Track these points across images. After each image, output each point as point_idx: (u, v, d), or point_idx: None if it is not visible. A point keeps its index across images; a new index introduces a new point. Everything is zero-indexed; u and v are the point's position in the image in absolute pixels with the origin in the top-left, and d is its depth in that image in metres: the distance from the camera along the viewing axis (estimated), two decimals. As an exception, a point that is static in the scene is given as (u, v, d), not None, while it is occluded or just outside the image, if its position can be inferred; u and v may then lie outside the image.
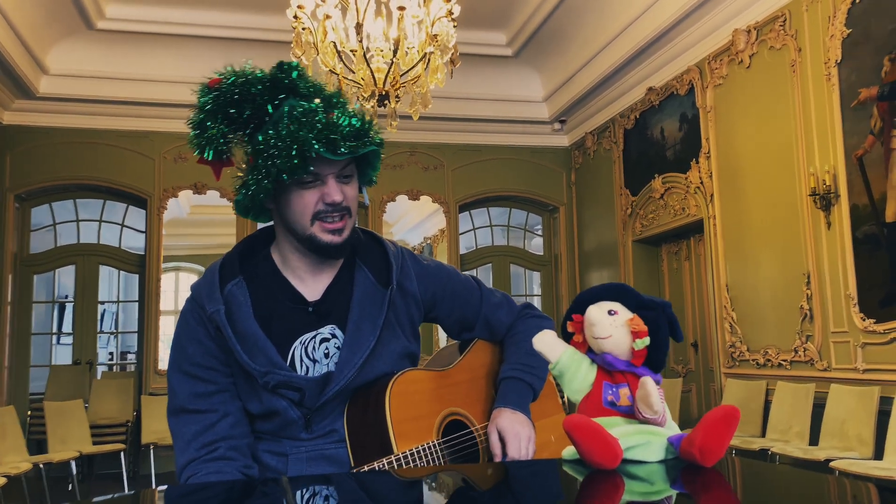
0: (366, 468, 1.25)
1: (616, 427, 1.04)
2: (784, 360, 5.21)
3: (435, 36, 3.56)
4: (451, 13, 3.55)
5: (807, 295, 5.01)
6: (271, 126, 1.27)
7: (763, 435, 5.09)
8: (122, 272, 8.06)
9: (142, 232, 7.63)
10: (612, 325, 1.10)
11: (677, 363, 6.93)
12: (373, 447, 1.31)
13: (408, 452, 1.30)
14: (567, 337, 1.17)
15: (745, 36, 5.60)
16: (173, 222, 10.27)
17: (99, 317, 8.10)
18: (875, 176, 4.50)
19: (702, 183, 6.16)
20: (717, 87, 5.97)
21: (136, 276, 7.90)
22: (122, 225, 7.85)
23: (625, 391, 1.10)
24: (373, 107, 3.71)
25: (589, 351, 1.14)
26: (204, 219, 10.14)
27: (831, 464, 4.11)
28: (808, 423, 4.79)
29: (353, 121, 1.29)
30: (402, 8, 3.45)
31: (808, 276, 5.00)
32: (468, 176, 8.29)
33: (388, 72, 3.63)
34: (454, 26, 3.61)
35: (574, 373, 1.13)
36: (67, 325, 8.38)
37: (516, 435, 1.38)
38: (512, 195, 8.56)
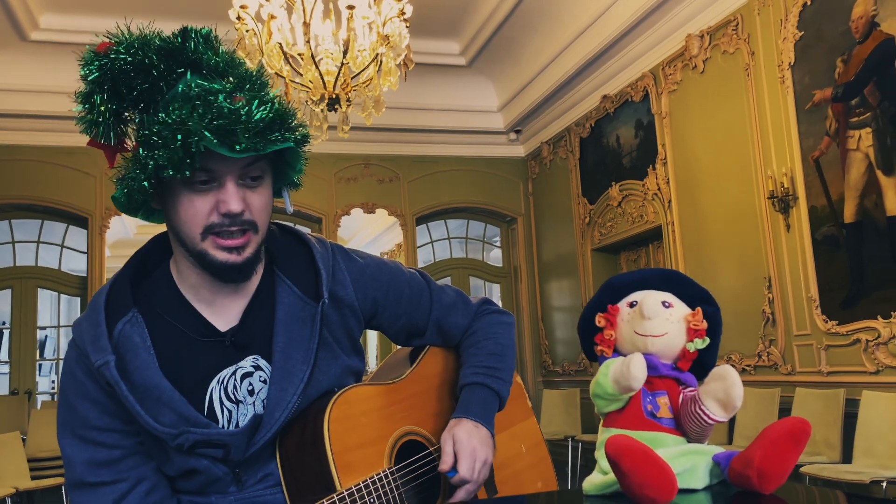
0: None
1: (663, 448, 0.84)
2: (748, 366, 5.16)
3: (387, 37, 3.41)
4: (402, 13, 3.40)
5: (768, 299, 4.97)
6: (161, 108, 1.01)
7: (730, 442, 5.02)
8: (62, 295, 7.67)
9: (83, 253, 7.28)
10: (669, 321, 0.90)
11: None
12: (312, 486, 1.09)
13: (354, 488, 1.08)
14: (592, 331, 0.97)
15: (699, 41, 5.59)
16: (119, 243, 9.89)
17: (38, 343, 7.68)
18: (832, 177, 4.49)
19: (659, 189, 6.12)
20: (671, 93, 5.95)
21: (79, 300, 7.53)
22: (62, 246, 7.48)
23: (664, 400, 0.89)
24: (323, 111, 3.53)
25: (615, 351, 0.94)
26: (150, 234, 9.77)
27: (801, 469, 4.04)
28: (775, 429, 4.73)
29: (263, 109, 1.02)
30: (351, 7, 3.29)
31: (769, 279, 4.97)
32: (425, 188, 8.15)
33: (339, 74, 3.47)
34: (406, 26, 3.46)
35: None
36: (4, 353, 7.93)
37: (472, 453, 1.17)
38: (469, 207, 8.44)
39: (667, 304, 0.92)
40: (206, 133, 0.98)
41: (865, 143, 4.27)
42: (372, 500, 1.09)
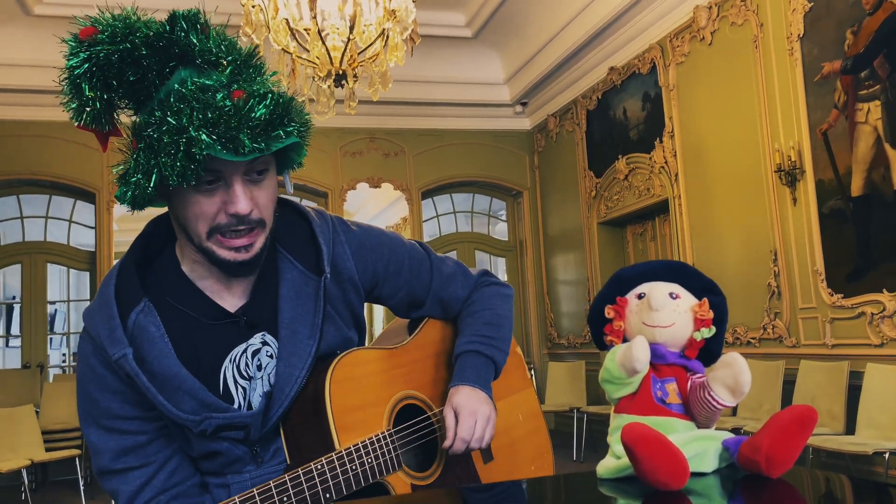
0: (300, 471, 1.04)
1: (674, 434, 0.87)
2: (753, 338, 5.19)
3: (393, 11, 3.40)
4: (409, -13, 3.39)
5: (774, 272, 4.99)
6: (157, 106, 0.98)
7: (734, 414, 5.07)
8: (72, 270, 7.73)
9: (91, 228, 7.31)
10: (676, 312, 0.93)
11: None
12: (313, 444, 1.11)
13: (352, 448, 1.09)
14: (602, 322, 0.99)
15: (707, 13, 5.54)
16: (126, 217, 9.93)
17: (49, 317, 7.76)
18: (840, 150, 4.47)
19: (666, 162, 6.11)
20: (679, 66, 5.91)
21: (88, 274, 7.58)
22: (70, 221, 7.51)
23: (672, 387, 0.92)
24: (329, 87, 3.52)
25: (625, 341, 0.96)
26: (156, 213, 9.79)
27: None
28: (779, 401, 4.78)
29: (261, 105, 0.97)
30: (357, -19, 3.27)
31: (774, 252, 4.98)
32: (430, 162, 8.13)
33: (345, 50, 3.46)
34: (413, 1, 3.44)
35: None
36: (15, 328, 8.02)
37: (472, 413, 1.18)
38: (475, 180, 8.43)
39: (674, 296, 0.95)
40: (209, 140, 0.95)
41: (874, 115, 4.25)
42: (370, 460, 1.11)
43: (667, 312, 0.93)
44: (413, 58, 3.91)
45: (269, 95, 1.00)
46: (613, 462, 0.91)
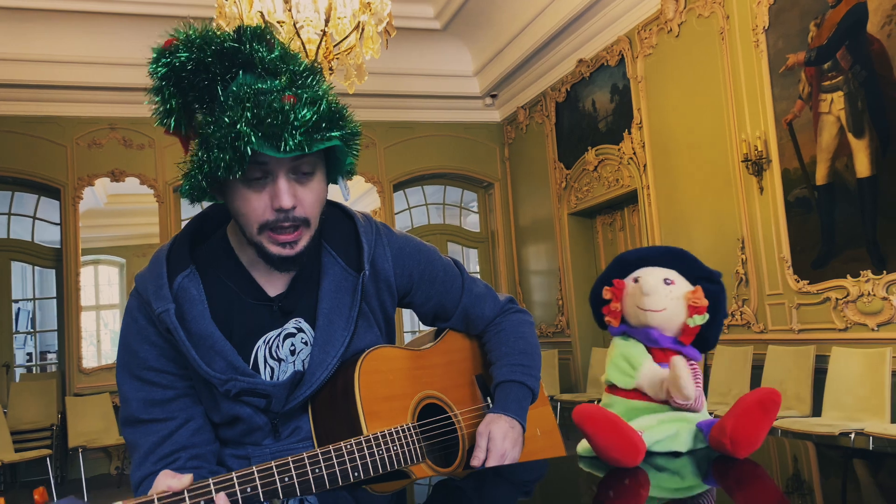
0: (331, 448, 1.11)
1: (641, 418, 0.91)
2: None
3: (368, 4, 3.39)
4: (383, -21, 3.38)
5: (742, 259, 5.10)
6: (218, 108, 1.07)
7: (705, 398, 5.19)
8: (36, 267, 7.58)
9: (56, 224, 7.17)
10: (668, 297, 0.96)
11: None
12: (339, 428, 1.18)
13: (378, 434, 1.16)
14: (600, 303, 1.03)
15: (674, 5, 5.62)
16: (89, 213, 9.74)
17: (13, 316, 7.60)
18: (805, 140, 4.59)
19: (635, 153, 6.19)
20: (647, 57, 5.99)
21: (53, 272, 7.44)
22: (34, 217, 7.35)
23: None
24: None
25: (622, 322, 1.01)
26: (123, 208, 9.64)
27: (773, 423, 4.20)
28: (748, 385, 4.90)
29: (309, 109, 1.05)
30: (331, -26, 3.26)
31: (742, 241, 5.09)
32: (401, 154, 8.13)
33: (320, 42, 3.45)
34: (388, -6, 3.44)
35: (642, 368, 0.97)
36: (-21, 327, 7.82)
37: (501, 456, 1.24)
38: (446, 172, 8.45)
39: (668, 282, 0.98)
40: (253, 135, 1.03)
41: (837, 106, 4.36)
42: (396, 448, 1.18)
43: (658, 297, 0.96)
44: (382, 50, 3.92)
45: (319, 102, 1.07)
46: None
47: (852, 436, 3.90)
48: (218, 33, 1.08)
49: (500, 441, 1.25)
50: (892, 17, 4.03)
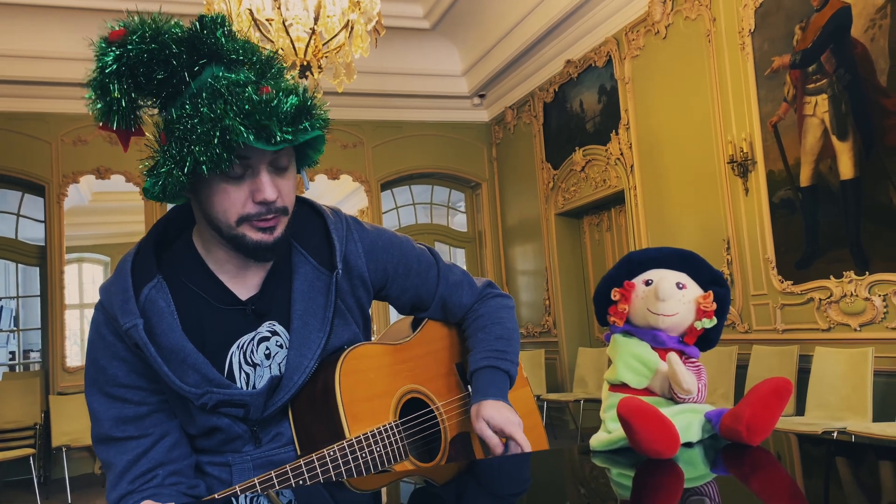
0: (314, 457, 1.10)
1: (663, 408, 0.93)
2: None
3: (358, 2, 3.40)
4: (373, -21, 3.39)
5: (727, 260, 5.14)
6: (188, 100, 1.03)
7: (690, 398, 5.23)
8: (20, 265, 7.50)
9: (41, 222, 7.11)
10: (681, 302, 0.96)
11: (602, 332, 7.04)
12: (322, 432, 1.16)
13: (361, 437, 1.15)
14: (607, 303, 1.04)
15: (661, 7, 5.66)
16: (74, 210, 9.67)
17: (-4, 314, 7.53)
18: (789, 142, 4.64)
19: (622, 154, 6.23)
20: (634, 59, 6.03)
21: (37, 269, 7.37)
22: (18, 215, 7.29)
23: None
24: (294, 78, 3.51)
25: (627, 322, 1.01)
26: (108, 206, 9.56)
27: (757, 422, 4.24)
28: (733, 385, 4.94)
29: (292, 99, 1.04)
30: (321, -28, 3.26)
31: (727, 241, 5.13)
32: (389, 153, 8.13)
33: (309, 41, 3.44)
34: (377, -7, 3.45)
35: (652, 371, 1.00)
36: (-39, 325, 7.75)
37: (514, 423, 1.23)
38: (434, 172, 8.46)
39: (681, 286, 0.98)
40: (243, 129, 1.00)
41: (821, 109, 4.41)
42: (379, 449, 1.17)
43: (673, 303, 0.97)
44: (371, 49, 3.92)
45: (293, 92, 1.06)
46: (605, 436, 0.97)
47: (835, 434, 3.94)
48: (171, 22, 1.04)
49: (498, 416, 1.24)
50: (876, 21, 4.08)
